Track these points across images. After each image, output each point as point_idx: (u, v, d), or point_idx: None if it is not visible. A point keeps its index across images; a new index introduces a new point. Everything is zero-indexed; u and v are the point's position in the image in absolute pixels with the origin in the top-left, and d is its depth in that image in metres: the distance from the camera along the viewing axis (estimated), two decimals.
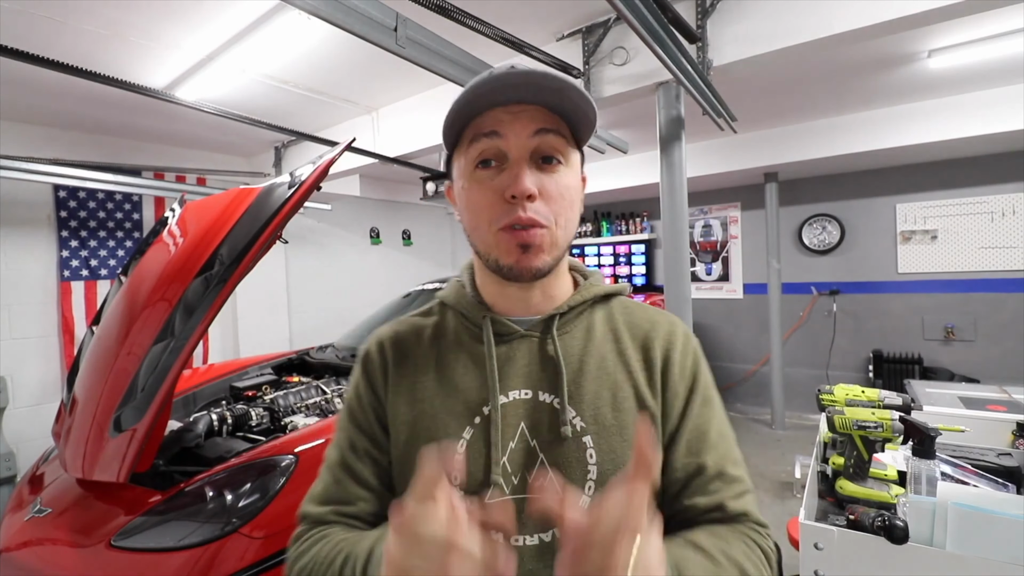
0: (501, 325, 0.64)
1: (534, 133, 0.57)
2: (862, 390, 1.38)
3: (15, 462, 3.03)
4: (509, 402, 0.61)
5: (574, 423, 0.60)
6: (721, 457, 0.62)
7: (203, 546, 1.37)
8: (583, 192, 0.65)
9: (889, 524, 0.98)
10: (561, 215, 0.59)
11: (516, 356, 0.63)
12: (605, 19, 2.24)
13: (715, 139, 4.01)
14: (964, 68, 2.74)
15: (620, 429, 0.60)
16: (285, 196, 1.48)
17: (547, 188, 0.58)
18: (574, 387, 0.61)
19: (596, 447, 0.59)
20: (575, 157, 0.62)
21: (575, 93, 0.56)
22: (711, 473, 0.60)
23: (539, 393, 0.62)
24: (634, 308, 0.70)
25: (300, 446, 1.64)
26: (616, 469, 0.59)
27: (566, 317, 0.65)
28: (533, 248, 0.58)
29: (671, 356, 0.64)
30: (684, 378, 0.64)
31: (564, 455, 0.59)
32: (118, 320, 1.59)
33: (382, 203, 5.33)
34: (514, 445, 0.60)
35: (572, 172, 0.61)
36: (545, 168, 0.58)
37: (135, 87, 2.08)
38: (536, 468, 0.59)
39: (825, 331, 4.64)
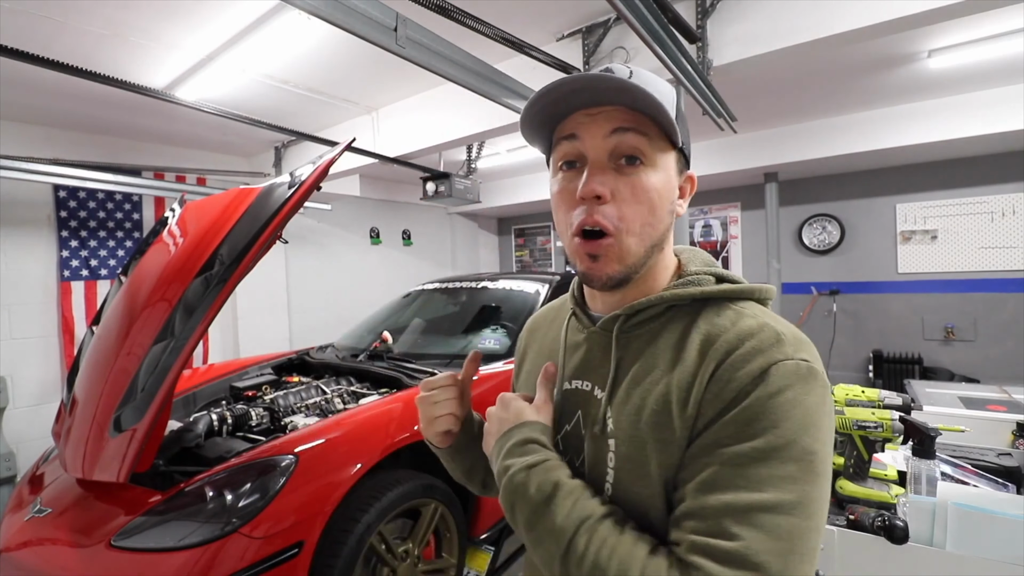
0: (580, 318, 0.69)
1: (610, 133, 0.56)
2: (862, 390, 1.38)
3: (15, 462, 3.03)
4: (571, 389, 0.66)
5: (608, 423, 0.59)
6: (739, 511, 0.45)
7: (203, 546, 1.37)
8: (683, 193, 0.63)
9: (889, 524, 0.98)
10: (635, 220, 0.56)
11: (584, 348, 0.67)
12: (605, 19, 2.24)
13: (715, 139, 4.01)
14: (964, 68, 2.75)
15: (642, 444, 0.54)
16: (285, 196, 1.48)
17: (621, 190, 0.56)
18: (619, 389, 0.60)
19: (615, 453, 0.57)
20: (664, 158, 0.58)
21: (641, 93, 0.53)
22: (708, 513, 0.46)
23: (595, 388, 0.64)
24: (733, 316, 0.56)
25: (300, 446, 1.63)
26: (633, 481, 0.54)
27: (636, 318, 0.61)
28: (602, 258, 0.57)
29: (720, 373, 0.50)
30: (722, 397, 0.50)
31: (596, 451, 0.60)
32: (118, 320, 1.59)
33: (382, 203, 5.33)
34: (570, 428, 0.65)
35: (658, 173, 0.57)
36: (626, 169, 0.56)
37: (135, 87, 2.08)
38: (581, 456, 0.62)
39: (825, 331, 4.64)
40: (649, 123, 0.56)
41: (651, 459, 0.53)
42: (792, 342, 0.51)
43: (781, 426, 0.46)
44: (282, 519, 1.46)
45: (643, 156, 0.56)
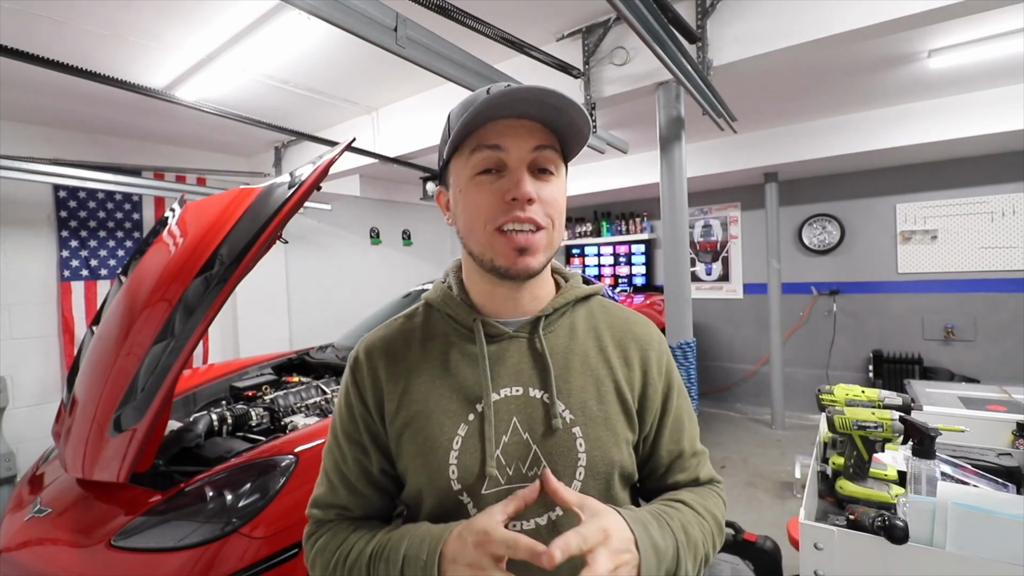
0: (491, 327, 0.68)
1: (534, 148, 0.62)
2: (862, 390, 1.38)
3: (15, 462, 3.03)
4: (501, 399, 0.66)
5: (563, 416, 0.65)
6: (692, 438, 0.75)
7: (203, 546, 1.37)
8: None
9: (889, 524, 0.98)
10: (556, 219, 0.64)
11: (506, 355, 0.67)
12: (605, 19, 2.24)
13: (715, 139, 4.01)
14: (964, 68, 2.74)
15: (604, 419, 0.67)
16: (285, 196, 1.48)
17: (543, 194, 0.62)
18: (562, 382, 0.67)
19: (585, 436, 0.65)
20: (563, 169, 0.67)
21: (576, 112, 0.60)
22: (687, 453, 0.74)
23: (529, 389, 0.66)
24: (611, 308, 0.77)
25: (300, 446, 1.64)
26: (603, 456, 0.65)
27: (551, 318, 0.70)
28: (530, 249, 0.62)
29: (648, 355, 0.72)
30: (662, 375, 0.72)
31: (556, 446, 0.64)
32: (118, 320, 1.59)
33: (382, 203, 5.33)
34: (507, 439, 0.64)
35: (561, 182, 0.66)
36: (540, 177, 0.63)
37: (135, 87, 2.08)
38: (529, 459, 0.64)
39: (825, 331, 4.64)
40: (556, 141, 0.64)
41: (618, 427, 0.67)
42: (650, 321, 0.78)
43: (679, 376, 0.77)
44: (282, 519, 1.46)
45: (554, 168, 0.64)
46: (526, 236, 0.61)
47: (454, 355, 0.68)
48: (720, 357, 5.25)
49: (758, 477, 3.43)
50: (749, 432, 4.39)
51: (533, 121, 0.62)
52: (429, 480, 0.64)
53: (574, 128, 0.62)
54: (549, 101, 0.59)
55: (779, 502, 3.07)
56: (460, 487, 0.63)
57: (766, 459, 3.74)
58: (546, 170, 0.63)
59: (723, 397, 5.21)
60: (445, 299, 0.71)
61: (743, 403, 5.11)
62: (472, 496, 0.63)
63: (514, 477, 0.64)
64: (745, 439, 4.20)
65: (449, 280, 0.74)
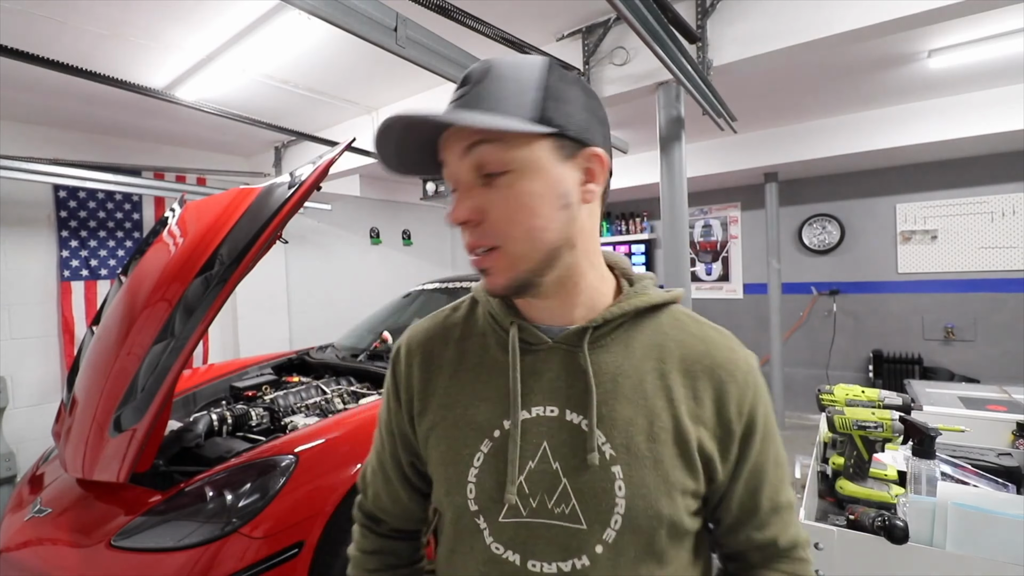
0: (529, 333, 0.59)
1: (465, 151, 0.52)
2: (862, 390, 1.38)
3: (15, 462, 3.03)
4: (532, 418, 0.57)
5: (603, 449, 0.54)
6: (775, 491, 0.60)
7: (203, 546, 1.37)
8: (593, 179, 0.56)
9: (889, 524, 0.98)
10: (515, 227, 0.52)
11: (543, 369, 0.58)
12: (605, 19, 2.24)
13: (715, 139, 4.01)
14: (964, 68, 2.74)
15: (655, 462, 0.54)
16: (285, 196, 1.48)
17: (489, 208, 0.52)
18: (605, 408, 0.55)
19: (626, 478, 0.53)
20: (533, 153, 0.51)
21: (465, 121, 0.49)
22: (766, 509, 0.60)
23: (567, 412, 0.56)
24: (688, 323, 0.61)
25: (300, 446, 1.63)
26: (648, 506, 0.53)
27: (601, 330, 0.58)
28: (490, 270, 0.54)
29: (726, 388, 0.57)
30: (742, 416, 0.57)
31: (590, 484, 0.54)
32: (118, 320, 1.59)
33: (382, 203, 5.33)
34: (534, 465, 0.55)
35: (529, 174, 0.51)
36: (493, 182, 0.52)
37: (135, 87, 2.08)
38: (557, 493, 0.55)
39: (825, 331, 4.64)
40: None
41: (672, 473, 0.54)
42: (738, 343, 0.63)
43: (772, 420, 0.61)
44: (282, 519, 1.46)
45: (505, 164, 0.51)
46: (478, 259, 0.54)
47: (489, 360, 0.61)
48: None
49: None
50: None
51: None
52: (447, 492, 0.59)
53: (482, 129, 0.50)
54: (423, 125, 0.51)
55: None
56: (477, 508, 0.56)
57: None
58: (493, 174, 0.51)
59: None
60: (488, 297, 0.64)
61: None
62: (488, 522, 0.56)
63: (538, 510, 0.55)
64: None
65: None
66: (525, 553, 0.55)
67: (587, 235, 0.57)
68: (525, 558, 0.55)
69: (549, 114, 0.52)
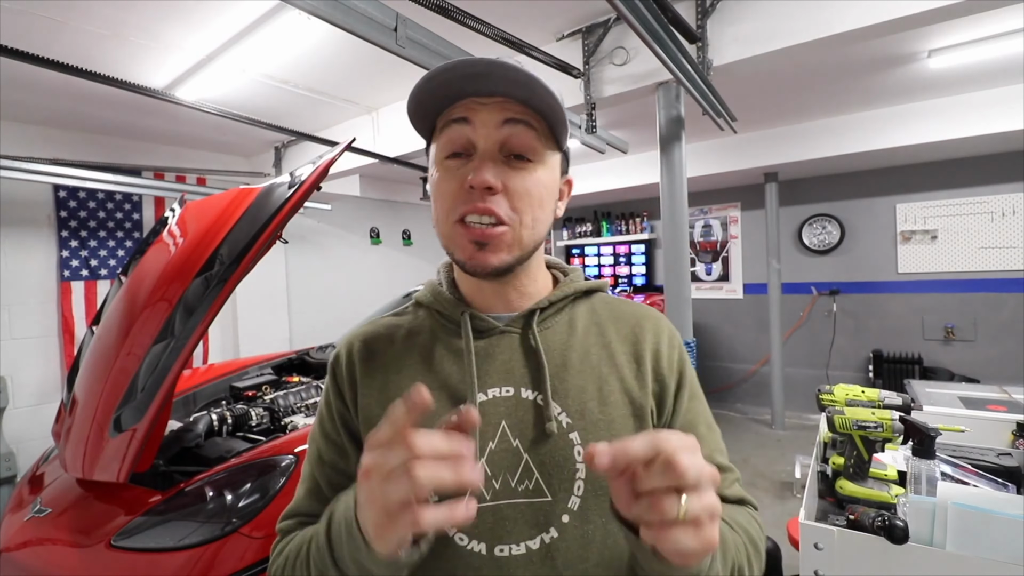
0: (480, 321, 0.62)
1: (503, 123, 0.54)
2: (862, 390, 1.38)
3: (15, 462, 3.03)
4: (488, 400, 0.59)
5: (559, 419, 0.57)
6: (711, 450, 0.63)
7: (203, 546, 1.37)
8: (563, 196, 0.64)
9: (889, 524, 0.98)
10: (527, 213, 0.56)
11: (496, 352, 0.61)
12: (605, 19, 2.24)
13: (715, 139, 4.01)
14: (964, 68, 2.74)
15: (608, 424, 0.58)
16: (285, 196, 1.48)
17: (512, 184, 0.55)
18: (557, 381, 0.59)
19: (584, 443, 0.57)
20: (552, 157, 0.59)
21: (542, 89, 0.53)
22: None
23: (521, 390, 0.59)
24: (616, 303, 0.69)
25: (300, 446, 1.63)
26: None
27: (547, 312, 0.64)
28: (490, 245, 0.55)
29: (659, 350, 0.64)
30: (672, 373, 0.63)
31: (550, 454, 0.57)
32: (118, 320, 1.59)
33: (382, 203, 5.33)
34: (494, 446, 0.57)
35: (546, 171, 0.58)
36: (515, 164, 0.56)
37: (135, 87, 2.08)
38: (520, 470, 0.57)
39: (825, 331, 4.64)
40: (539, 120, 0.56)
41: (625, 433, 0.58)
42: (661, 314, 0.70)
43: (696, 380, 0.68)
44: None
45: (532, 153, 0.56)
46: (482, 229, 0.54)
47: (439, 350, 0.62)
48: (720, 357, 5.25)
49: (758, 477, 3.43)
50: (749, 432, 4.39)
51: (508, 98, 0.55)
52: None
53: (549, 108, 0.55)
54: (510, 75, 0.52)
55: (779, 502, 3.07)
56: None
57: (766, 459, 3.74)
58: (522, 156, 0.55)
59: (723, 397, 5.21)
60: (434, 295, 0.67)
61: (743, 403, 5.10)
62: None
63: (501, 492, 0.56)
64: (745, 439, 4.20)
65: (440, 277, 0.69)
66: (491, 539, 0.55)
67: (544, 240, 0.63)
68: (492, 544, 0.55)
69: (565, 130, 0.59)
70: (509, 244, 0.56)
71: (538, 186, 0.57)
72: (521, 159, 0.56)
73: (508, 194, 0.55)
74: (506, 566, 0.54)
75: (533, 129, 0.56)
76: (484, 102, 0.55)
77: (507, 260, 0.57)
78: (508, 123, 0.54)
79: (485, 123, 0.54)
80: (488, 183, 0.53)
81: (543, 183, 0.57)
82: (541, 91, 0.53)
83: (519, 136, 0.55)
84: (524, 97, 0.54)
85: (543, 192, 0.58)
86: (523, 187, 0.56)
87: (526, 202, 0.56)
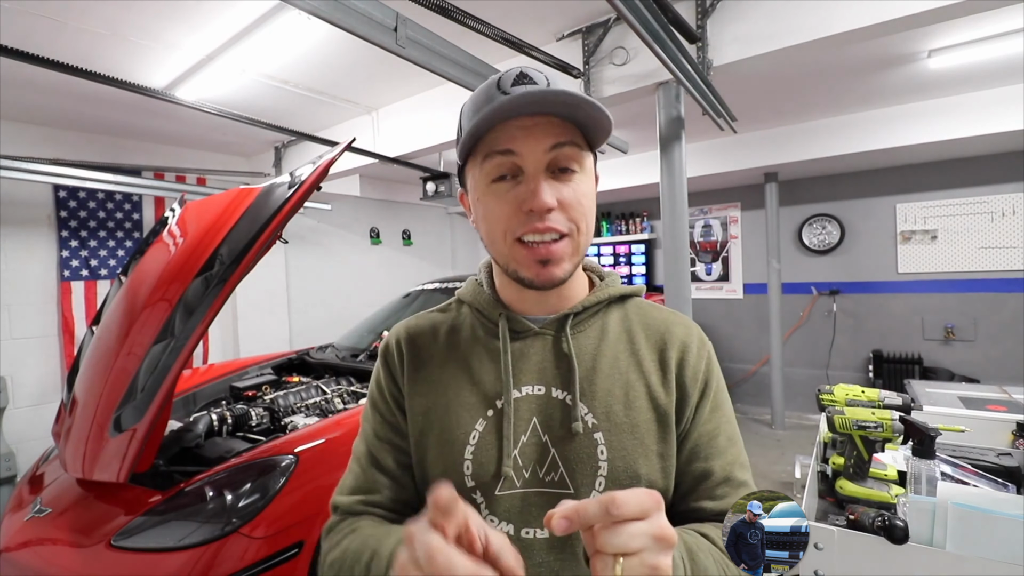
0: (516, 322, 0.66)
1: (550, 148, 0.57)
2: (862, 390, 1.38)
3: (15, 462, 3.03)
4: (522, 396, 0.63)
5: (586, 419, 0.61)
6: (729, 463, 0.63)
7: (203, 546, 1.37)
8: (595, 191, 0.66)
9: (889, 524, 0.98)
10: (581, 221, 0.59)
11: (530, 353, 0.65)
12: (605, 19, 2.24)
13: (715, 139, 4.01)
14: (964, 68, 2.74)
15: (632, 427, 0.61)
16: (285, 196, 1.48)
17: (565, 197, 0.58)
18: (586, 384, 0.62)
19: (607, 444, 0.60)
20: (589, 161, 0.62)
21: (590, 107, 0.55)
22: (718, 478, 0.62)
23: (552, 389, 0.63)
24: (649, 309, 0.71)
25: (300, 446, 1.63)
26: (627, 467, 0.59)
27: (580, 316, 0.66)
28: (554, 260, 0.58)
29: (685, 359, 0.65)
30: (696, 382, 0.64)
31: (575, 451, 0.60)
32: (118, 320, 1.59)
33: (382, 203, 5.33)
34: (526, 439, 0.61)
35: (587, 178, 0.61)
36: (561, 177, 0.58)
37: (135, 87, 2.08)
38: (547, 463, 0.61)
39: (825, 331, 4.64)
40: (579, 133, 0.59)
41: (647, 437, 0.61)
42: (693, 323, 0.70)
43: (724, 390, 0.68)
44: (282, 519, 1.46)
45: (577, 165, 0.59)
46: (547, 247, 0.58)
47: (478, 349, 0.67)
48: (720, 357, 5.19)
49: (758, 477, 3.42)
50: (749, 432, 4.39)
51: (548, 116, 0.57)
52: (444, 473, 0.62)
53: (593, 120, 0.57)
54: (560, 99, 0.54)
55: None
56: (474, 484, 0.61)
57: (766, 459, 3.74)
58: (567, 169, 0.58)
59: None
60: (475, 295, 0.70)
61: (743, 403, 5.11)
62: (485, 496, 0.61)
63: (530, 480, 0.60)
64: (745, 439, 4.11)
65: (480, 277, 0.73)
66: (519, 523, 0.60)
67: None
68: (519, 527, 0.60)
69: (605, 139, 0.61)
70: (571, 254, 0.60)
71: (586, 194, 0.60)
72: (567, 171, 0.58)
73: (563, 207, 0.57)
74: (530, 547, 0.59)
75: (576, 145, 0.58)
76: (526, 125, 0.56)
77: (568, 270, 0.60)
78: (555, 147, 0.57)
79: (532, 150, 0.56)
80: (548, 205, 0.56)
81: (587, 190, 0.60)
82: (589, 108, 0.55)
83: (566, 154, 0.57)
84: (566, 114, 0.56)
85: (590, 198, 0.61)
86: (574, 198, 0.58)
87: (579, 211, 0.59)
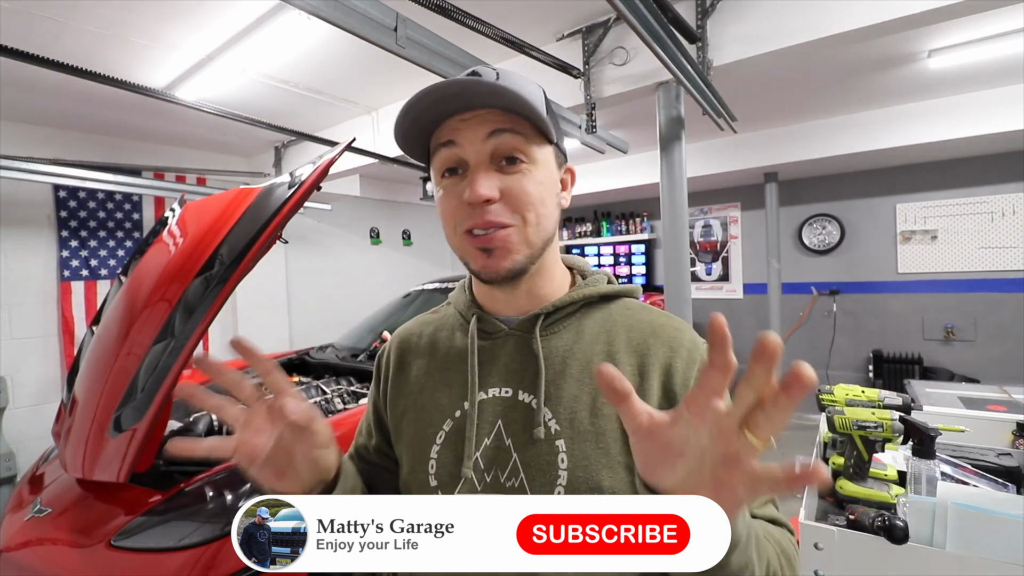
0: (488, 323, 0.65)
1: (488, 136, 0.56)
2: (862, 390, 1.38)
3: (15, 462, 3.03)
4: (488, 399, 0.62)
5: (549, 425, 0.59)
6: None
7: (203, 546, 1.37)
8: (565, 186, 0.65)
9: (889, 524, 0.98)
10: (529, 212, 0.57)
11: (500, 354, 0.64)
12: (605, 19, 2.24)
13: (715, 139, 4.01)
14: (964, 68, 2.74)
15: (596, 435, 0.57)
16: (285, 196, 1.48)
17: (510, 188, 0.57)
18: (553, 388, 0.60)
19: (568, 452, 0.57)
20: (544, 153, 0.60)
21: (511, 96, 0.55)
22: None
23: (519, 392, 0.61)
24: (637, 311, 0.66)
25: None
26: (588, 478, 0.56)
27: (553, 317, 0.64)
28: (497, 250, 0.57)
29: (673, 364, 0.60)
30: (688, 389, 0.60)
31: (536, 457, 0.58)
32: (118, 320, 1.59)
33: (382, 203, 5.33)
34: (489, 442, 0.60)
35: (541, 168, 0.59)
36: (508, 169, 0.57)
37: (135, 87, 2.08)
38: (508, 468, 0.59)
39: (825, 331, 4.64)
40: (523, 122, 0.57)
41: (613, 447, 0.57)
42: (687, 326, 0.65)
43: None
44: None
45: (523, 154, 0.57)
46: (489, 236, 0.57)
47: (454, 349, 0.67)
48: None
49: None
50: None
51: (490, 108, 0.56)
52: (411, 470, 0.64)
53: (526, 109, 0.55)
54: (478, 88, 0.55)
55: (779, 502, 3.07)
56: (436, 484, 0.61)
57: (766, 459, 3.73)
58: (514, 159, 0.57)
59: None
60: (457, 295, 0.72)
61: None
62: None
63: (491, 484, 0.59)
64: None
65: (465, 279, 0.74)
66: None
67: (555, 235, 0.64)
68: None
69: (552, 127, 0.60)
70: (517, 245, 0.58)
71: (535, 184, 0.58)
72: (514, 162, 0.57)
73: (507, 199, 0.57)
74: None
75: (520, 133, 0.57)
76: (466, 118, 0.56)
77: (519, 261, 0.58)
78: (493, 135, 0.56)
79: (471, 140, 0.56)
80: (483, 196, 0.55)
81: (539, 179, 0.58)
82: (510, 98, 0.54)
83: (506, 142, 0.56)
84: (503, 105, 0.56)
85: (541, 189, 0.59)
86: (520, 188, 0.57)
87: (525, 201, 0.57)
